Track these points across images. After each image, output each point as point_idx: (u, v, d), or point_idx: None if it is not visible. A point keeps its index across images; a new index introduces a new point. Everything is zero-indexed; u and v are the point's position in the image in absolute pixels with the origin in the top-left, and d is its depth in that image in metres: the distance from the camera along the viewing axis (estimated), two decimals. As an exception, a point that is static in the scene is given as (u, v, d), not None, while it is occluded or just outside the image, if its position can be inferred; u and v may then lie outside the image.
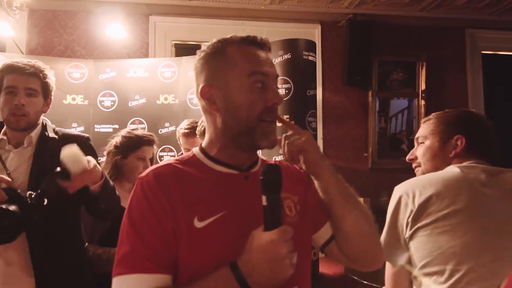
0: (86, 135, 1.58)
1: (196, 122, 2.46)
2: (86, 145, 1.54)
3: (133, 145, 1.90)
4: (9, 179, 1.24)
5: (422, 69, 4.05)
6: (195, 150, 0.94)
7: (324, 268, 3.03)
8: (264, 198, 0.74)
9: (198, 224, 0.80)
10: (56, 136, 1.46)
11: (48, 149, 1.41)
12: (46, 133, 1.46)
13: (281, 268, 0.72)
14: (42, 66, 1.48)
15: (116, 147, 1.91)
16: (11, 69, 1.41)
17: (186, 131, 2.44)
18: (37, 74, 1.44)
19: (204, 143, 0.94)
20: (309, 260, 0.96)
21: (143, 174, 0.86)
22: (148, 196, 0.81)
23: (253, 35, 0.90)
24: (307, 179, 1.01)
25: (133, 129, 2.00)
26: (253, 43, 0.90)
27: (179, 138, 2.55)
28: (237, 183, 0.87)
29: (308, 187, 1.00)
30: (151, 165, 1.98)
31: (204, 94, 0.89)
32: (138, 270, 0.77)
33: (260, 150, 0.95)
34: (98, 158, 1.75)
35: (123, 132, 1.97)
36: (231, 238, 0.80)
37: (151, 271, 0.77)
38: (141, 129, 2.08)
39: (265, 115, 0.86)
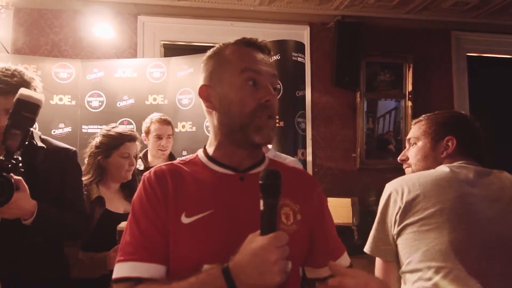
0: (74, 149, 1.51)
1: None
2: (72, 160, 1.49)
3: (115, 143, 1.84)
4: None
5: (409, 70, 4.10)
6: (199, 151, 0.97)
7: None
8: (261, 202, 0.74)
9: (185, 220, 0.83)
10: (44, 146, 1.39)
11: (36, 158, 1.35)
12: (34, 141, 1.38)
13: (269, 274, 0.70)
14: (25, 76, 1.36)
15: (97, 147, 1.85)
16: None
17: (162, 117, 2.48)
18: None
19: (207, 144, 0.97)
20: (299, 271, 0.95)
21: (147, 172, 0.91)
22: (147, 191, 0.87)
23: (253, 38, 0.92)
24: (317, 192, 1.00)
25: (112, 127, 1.93)
26: (250, 44, 0.92)
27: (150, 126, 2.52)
28: (231, 184, 0.88)
29: (318, 201, 0.99)
30: (136, 162, 1.95)
31: (202, 93, 0.93)
32: (135, 258, 0.81)
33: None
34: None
35: (102, 131, 1.91)
36: (216, 236, 0.81)
37: (147, 260, 0.82)
38: (129, 128, 2.04)
39: (259, 112, 0.87)
